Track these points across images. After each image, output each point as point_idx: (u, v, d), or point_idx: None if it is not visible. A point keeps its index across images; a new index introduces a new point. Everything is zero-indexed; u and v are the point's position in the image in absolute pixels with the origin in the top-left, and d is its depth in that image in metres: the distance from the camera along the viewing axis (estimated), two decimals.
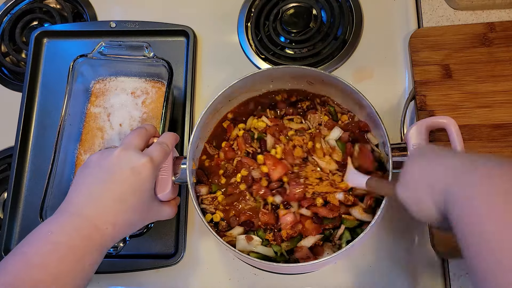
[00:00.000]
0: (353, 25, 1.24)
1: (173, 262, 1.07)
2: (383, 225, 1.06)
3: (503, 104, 1.07)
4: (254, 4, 1.29)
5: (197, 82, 1.23)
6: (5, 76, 1.33)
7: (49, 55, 1.26)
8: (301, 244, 0.91)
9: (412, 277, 1.04)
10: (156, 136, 0.95)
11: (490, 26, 1.13)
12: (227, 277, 1.08)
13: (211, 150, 1.03)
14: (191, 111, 1.18)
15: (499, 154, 1.04)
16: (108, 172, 0.82)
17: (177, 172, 0.93)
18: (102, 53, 1.11)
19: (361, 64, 1.21)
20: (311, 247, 0.92)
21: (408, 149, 0.91)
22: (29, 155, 1.18)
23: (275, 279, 1.07)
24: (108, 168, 0.82)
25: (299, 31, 1.24)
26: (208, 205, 0.97)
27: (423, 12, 1.21)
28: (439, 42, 1.13)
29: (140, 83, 1.16)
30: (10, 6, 1.37)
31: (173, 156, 0.95)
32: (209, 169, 1.02)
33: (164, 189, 0.92)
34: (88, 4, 1.35)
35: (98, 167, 0.83)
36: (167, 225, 1.11)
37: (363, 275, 1.05)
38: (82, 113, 1.15)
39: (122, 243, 0.99)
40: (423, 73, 1.11)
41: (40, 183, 1.15)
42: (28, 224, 1.13)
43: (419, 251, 1.05)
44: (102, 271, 1.06)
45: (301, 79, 1.02)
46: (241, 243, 0.92)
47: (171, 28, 1.25)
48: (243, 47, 1.26)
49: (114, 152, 0.84)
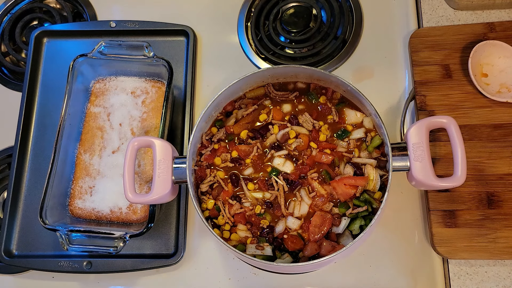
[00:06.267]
0: (353, 25, 1.24)
1: (173, 262, 1.07)
2: (383, 225, 1.06)
3: (503, 104, 1.07)
4: (254, 4, 1.29)
5: (197, 82, 1.23)
6: (5, 76, 1.33)
7: (49, 55, 1.26)
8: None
9: (412, 277, 1.04)
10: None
11: (490, 26, 1.13)
12: (227, 277, 1.08)
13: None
14: (191, 111, 1.18)
15: (499, 154, 1.04)
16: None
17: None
18: (102, 52, 1.11)
19: (361, 64, 1.21)
20: (331, 237, 0.93)
21: (408, 149, 0.91)
22: (29, 155, 1.18)
23: (275, 279, 1.07)
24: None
25: (299, 31, 1.24)
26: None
27: (423, 12, 1.21)
28: (439, 42, 1.13)
29: (140, 82, 1.16)
30: (10, 6, 1.37)
31: (173, 156, 0.95)
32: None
33: (164, 189, 0.92)
34: (88, 4, 1.35)
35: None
36: (167, 225, 1.11)
37: (363, 275, 1.05)
38: (82, 112, 1.15)
39: (122, 243, 0.99)
40: (423, 73, 1.11)
41: (40, 183, 1.16)
42: (28, 224, 1.13)
43: (419, 251, 1.05)
44: (102, 271, 1.07)
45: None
46: (250, 251, 0.93)
47: (171, 28, 1.25)
48: (243, 47, 1.26)
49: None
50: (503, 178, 1.02)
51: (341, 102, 1.02)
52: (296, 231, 0.94)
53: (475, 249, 0.99)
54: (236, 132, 1.02)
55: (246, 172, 0.99)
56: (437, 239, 1.00)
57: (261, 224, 0.95)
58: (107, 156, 1.10)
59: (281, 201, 0.96)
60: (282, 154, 0.99)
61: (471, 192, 1.02)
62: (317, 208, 0.95)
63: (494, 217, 1.00)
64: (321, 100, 1.03)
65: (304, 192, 0.96)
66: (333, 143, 1.00)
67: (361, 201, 0.93)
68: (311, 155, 0.98)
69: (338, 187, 0.94)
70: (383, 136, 0.95)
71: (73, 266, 1.07)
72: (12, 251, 1.12)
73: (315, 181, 0.96)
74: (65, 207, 1.09)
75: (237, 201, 0.97)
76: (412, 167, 0.90)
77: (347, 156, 0.98)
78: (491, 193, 1.02)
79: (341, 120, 1.01)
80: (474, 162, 1.03)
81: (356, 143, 0.99)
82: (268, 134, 1.01)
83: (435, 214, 1.02)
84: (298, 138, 0.99)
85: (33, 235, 1.13)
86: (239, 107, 1.04)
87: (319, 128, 1.00)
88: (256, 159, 0.99)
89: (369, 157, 0.97)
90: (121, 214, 1.07)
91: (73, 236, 1.00)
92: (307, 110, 1.03)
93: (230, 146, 1.01)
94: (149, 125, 1.12)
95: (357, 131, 1.00)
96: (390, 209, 1.05)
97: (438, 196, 1.03)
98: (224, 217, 0.96)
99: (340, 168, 0.97)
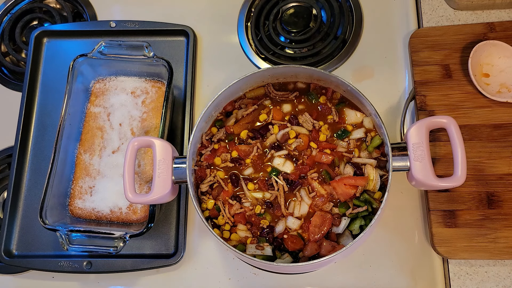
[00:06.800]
0: (353, 25, 1.24)
1: (173, 262, 1.07)
2: (383, 225, 1.06)
3: (503, 104, 1.07)
4: (254, 4, 1.29)
5: (197, 82, 1.23)
6: (5, 76, 1.33)
7: (49, 55, 1.26)
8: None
9: (412, 277, 1.04)
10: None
11: (490, 26, 1.13)
12: (227, 277, 1.08)
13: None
14: (191, 111, 1.18)
15: (499, 154, 1.04)
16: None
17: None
18: (102, 52, 1.11)
19: (361, 64, 1.21)
20: (332, 237, 0.93)
21: (408, 149, 0.91)
22: (29, 155, 1.18)
23: (275, 279, 1.07)
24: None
25: (299, 31, 1.24)
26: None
27: (423, 12, 1.21)
28: (439, 42, 1.13)
29: (140, 82, 1.16)
30: (10, 6, 1.37)
31: (173, 156, 0.95)
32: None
33: (164, 189, 0.92)
34: (88, 4, 1.35)
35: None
36: (167, 225, 1.11)
37: (363, 275, 1.05)
38: (82, 112, 1.15)
39: (122, 243, 0.99)
40: (423, 73, 1.11)
41: (40, 183, 1.16)
42: (28, 224, 1.13)
43: (419, 251, 1.05)
44: (102, 271, 1.07)
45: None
46: (250, 251, 0.93)
47: (171, 28, 1.25)
48: (243, 47, 1.26)
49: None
50: (503, 178, 1.02)
51: (341, 102, 1.02)
52: (296, 231, 0.94)
53: (475, 249, 0.99)
54: (236, 132, 1.02)
55: (246, 172, 0.99)
56: (437, 239, 1.00)
57: (261, 224, 0.95)
58: (107, 156, 1.10)
59: (281, 201, 0.96)
60: (282, 154, 0.99)
61: (471, 192, 1.02)
62: (317, 208, 0.95)
63: (494, 217, 1.00)
64: (321, 100, 1.03)
65: (304, 192, 0.96)
66: (333, 143, 1.00)
67: (361, 201, 0.93)
68: (311, 155, 0.98)
69: (338, 187, 0.94)
70: (383, 136, 0.95)
71: (73, 266, 1.07)
72: (12, 251, 1.12)
73: (315, 181, 0.96)
74: (65, 207, 1.09)
75: (237, 201, 0.97)
76: (412, 167, 0.90)
77: (347, 156, 0.98)
78: (491, 193, 1.02)
79: (341, 120, 1.01)
80: (474, 162, 1.03)
81: (356, 143, 0.99)
82: (268, 134, 1.01)
83: (435, 214, 1.02)
84: (298, 138, 0.99)
85: (33, 235, 1.13)
86: (239, 107, 1.04)
87: (319, 128, 1.00)
88: (256, 159, 0.99)
89: (369, 157, 0.97)
90: (121, 214, 1.07)
91: (73, 236, 1.00)
92: (307, 110, 1.03)
93: (230, 146, 1.01)
94: (149, 125, 1.12)
95: (357, 131, 1.00)
96: (390, 209, 1.05)
97: (438, 196, 1.03)
98: (224, 217, 0.96)
99: (340, 168, 0.97)
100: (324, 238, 0.93)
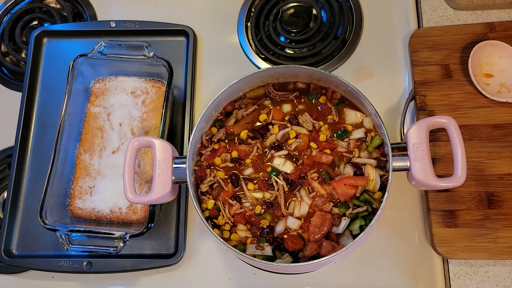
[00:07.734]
0: (353, 25, 1.24)
1: (173, 262, 1.07)
2: (383, 225, 1.06)
3: (503, 104, 1.07)
4: (254, 4, 1.29)
5: (197, 82, 1.23)
6: (5, 76, 1.33)
7: (49, 55, 1.26)
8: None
9: (412, 277, 1.04)
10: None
11: (490, 26, 1.13)
12: (227, 277, 1.08)
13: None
14: (191, 111, 1.18)
15: (499, 154, 1.04)
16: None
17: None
18: (102, 52, 1.11)
19: (361, 64, 1.21)
20: (331, 237, 0.93)
21: (408, 149, 0.91)
22: (29, 155, 1.18)
23: (275, 279, 1.07)
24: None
25: (299, 31, 1.24)
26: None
27: (423, 12, 1.21)
28: (439, 42, 1.13)
29: (140, 82, 1.16)
30: (10, 6, 1.37)
31: (173, 156, 0.95)
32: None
33: (164, 189, 0.92)
34: (88, 4, 1.35)
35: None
36: (167, 225, 1.11)
37: (363, 275, 1.05)
38: (82, 112, 1.15)
39: (122, 243, 0.99)
40: (423, 73, 1.11)
41: (40, 183, 1.16)
42: (28, 224, 1.13)
43: (419, 251, 1.05)
44: (102, 271, 1.07)
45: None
46: (250, 251, 0.93)
47: (171, 28, 1.25)
48: (243, 47, 1.26)
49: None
50: (503, 178, 1.02)
51: (341, 102, 1.02)
52: (296, 231, 0.94)
53: (475, 249, 0.99)
54: (236, 132, 1.02)
55: (246, 172, 0.99)
56: (437, 239, 1.00)
57: (261, 224, 0.95)
58: (107, 156, 1.10)
59: (281, 201, 0.96)
60: (282, 154, 0.99)
61: (471, 192, 1.02)
62: (317, 208, 0.95)
63: (494, 217, 1.00)
64: (321, 100, 1.03)
65: (304, 192, 0.96)
66: (333, 143, 1.00)
67: (361, 201, 0.93)
68: (311, 155, 0.98)
69: (338, 187, 0.94)
70: (383, 136, 0.95)
71: (73, 266, 1.07)
72: (12, 251, 1.12)
73: (315, 181, 0.96)
74: (65, 207, 1.09)
75: (237, 201, 0.97)
76: (412, 167, 0.90)
77: (347, 156, 0.98)
78: (491, 193, 1.02)
79: (341, 120, 1.01)
80: (474, 162, 1.03)
81: (356, 143, 0.99)
82: (268, 134, 1.01)
83: (435, 214, 1.02)
84: (298, 138, 0.99)
85: (33, 235, 1.13)
86: (239, 107, 1.04)
87: (319, 128, 1.00)
88: (256, 159, 1.00)
89: (369, 157, 0.97)
90: (121, 214, 1.07)
91: (73, 236, 1.00)
92: (307, 110, 1.03)
93: (230, 146, 1.01)
94: (149, 125, 1.12)
95: (357, 131, 1.00)
96: (390, 209, 1.05)
97: (438, 196, 1.03)
98: (224, 217, 0.96)
99: (340, 168, 0.97)
100: (324, 238, 0.93)
